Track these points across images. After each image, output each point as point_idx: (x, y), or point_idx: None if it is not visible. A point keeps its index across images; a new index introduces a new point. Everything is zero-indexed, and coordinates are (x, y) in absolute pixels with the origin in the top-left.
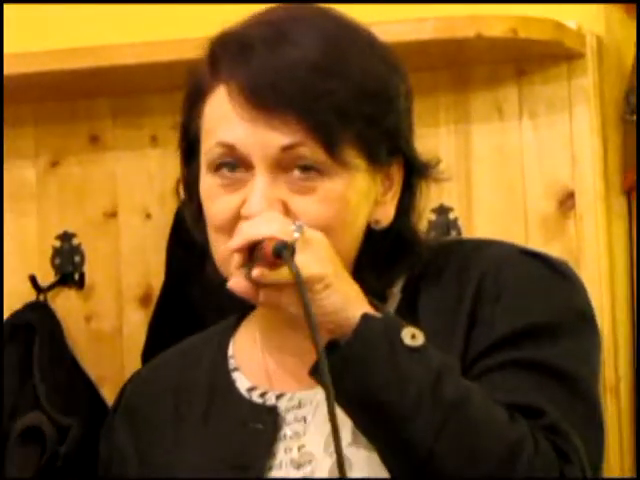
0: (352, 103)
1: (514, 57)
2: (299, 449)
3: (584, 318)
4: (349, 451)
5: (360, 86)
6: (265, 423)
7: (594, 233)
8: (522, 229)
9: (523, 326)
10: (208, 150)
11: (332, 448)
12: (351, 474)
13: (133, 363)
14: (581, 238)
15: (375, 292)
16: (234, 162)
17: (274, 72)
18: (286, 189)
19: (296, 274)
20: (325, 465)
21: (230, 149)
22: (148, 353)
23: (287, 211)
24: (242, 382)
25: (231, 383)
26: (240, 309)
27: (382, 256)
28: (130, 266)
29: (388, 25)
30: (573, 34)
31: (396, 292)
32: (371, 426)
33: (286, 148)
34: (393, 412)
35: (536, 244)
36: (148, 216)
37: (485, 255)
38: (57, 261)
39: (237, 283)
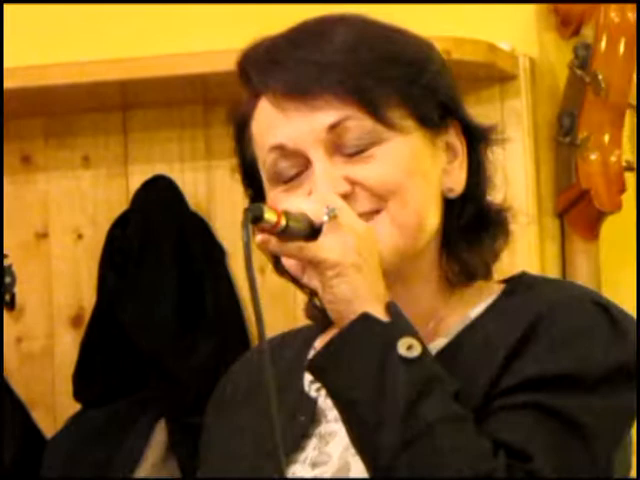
0: (384, 67)
1: None
2: (321, 448)
3: (625, 377)
4: (349, 453)
5: (389, 52)
6: (306, 417)
7: (527, 255)
8: None
9: (557, 373)
10: (263, 163)
11: (351, 451)
12: (349, 476)
13: (64, 385)
14: (513, 261)
15: (468, 264)
16: (290, 164)
17: (301, 62)
18: (346, 165)
19: (244, 244)
20: (332, 468)
21: (282, 150)
22: (79, 374)
23: (353, 184)
24: (308, 375)
25: (301, 375)
26: (167, 331)
27: (466, 225)
28: (61, 287)
29: None
30: (506, 56)
31: (472, 316)
32: (345, 423)
33: (333, 127)
34: (365, 416)
35: None
36: (80, 237)
37: (553, 296)
38: None
39: (285, 261)
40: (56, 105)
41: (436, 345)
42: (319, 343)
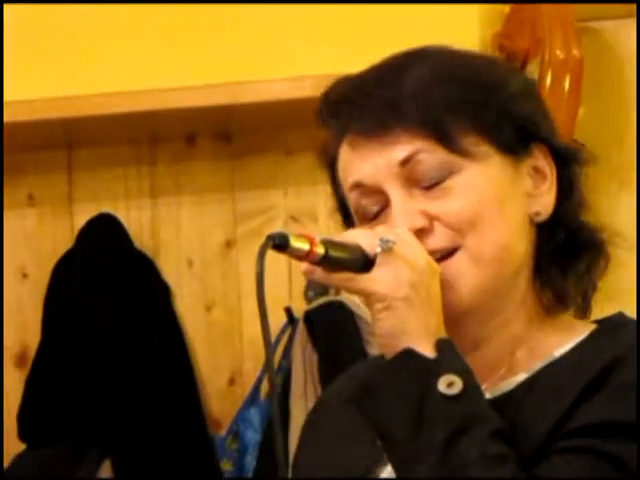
0: (455, 94)
1: None
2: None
3: None
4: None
5: (461, 79)
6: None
7: None
8: None
9: (622, 421)
10: (350, 203)
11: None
12: None
13: (9, 424)
14: None
15: (561, 289)
16: (371, 201)
17: (375, 102)
18: (423, 199)
19: (257, 273)
20: None
21: (360, 188)
22: (24, 414)
23: (430, 220)
24: None
25: None
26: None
27: (557, 249)
28: (6, 325)
29: (266, 84)
30: None
31: (556, 355)
32: (388, 456)
33: (405, 162)
34: (401, 451)
35: None
36: (25, 275)
37: (630, 341)
38: None
39: None
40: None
41: (515, 380)
42: None
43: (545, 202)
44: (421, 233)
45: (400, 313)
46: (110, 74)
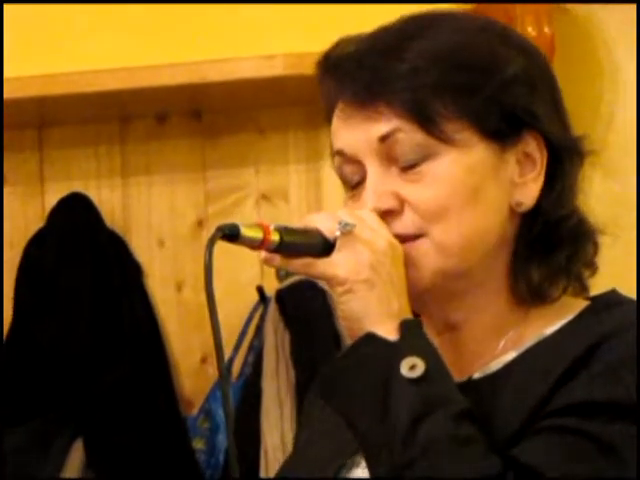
0: (447, 76)
1: None
2: None
3: None
4: (365, 472)
5: (455, 59)
6: None
7: None
8: None
9: (602, 400)
10: (335, 167)
11: None
12: None
13: None
14: None
15: (535, 283)
16: (352, 170)
17: (368, 72)
18: (398, 180)
19: (206, 263)
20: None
21: (342, 156)
22: None
23: (401, 203)
24: None
25: None
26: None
27: (535, 241)
28: None
29: (237, 62)
30: None
31: (547, 332)
32: (358, 444)
33: (384, 138)
34: (367, 438)
35: None
36: None
37: (616, 320)
38: None
39: None
40: None
41: (505, 359)
42: None
43: (529, 192)
44: (390, 215)
45: (361, 296)
46: (80, 53)
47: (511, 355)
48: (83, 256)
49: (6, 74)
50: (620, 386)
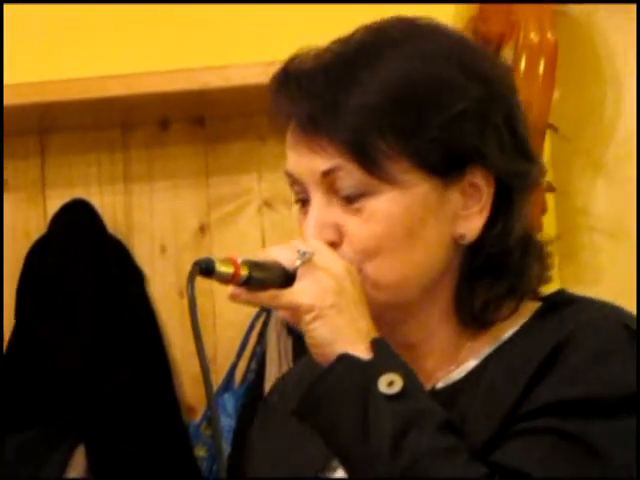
0: (388, 115)
1: None
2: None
3: None
4: None
5: (402, 96)
6: None
7: None
8: None
9: (574, 398)
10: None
11: None
12: None
13: None
14: None
15: (476, 314)
16: (302, 192)
17: (319, 99)
18: (340, 211)
19: (189, 298)
20: None
21: (291, 178)
22: None
23: (340, 235)
24: None
25: None
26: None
27: (478, 273)
28: None
29: (239, 68)
30: None
31: (505, 337)
32: (340, 462)
33: (326, 173)
34: (351, 457)
35: None
36: None
37: (579, 318)
38: None
39: (278, 311)
40: None
41: (466, 367)
42: None
43: (472, 225)
44: (330, 246)
45: (330, 321)
46: (83, 60)
47: (471, 363)
48: (85, 263)
49: (7, 80)
50: (590, 383)
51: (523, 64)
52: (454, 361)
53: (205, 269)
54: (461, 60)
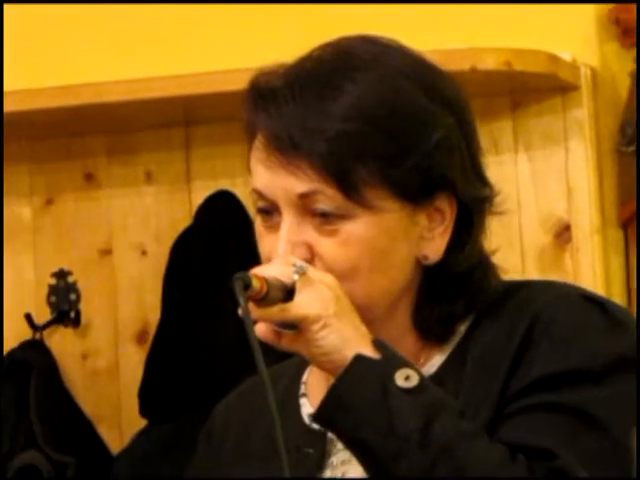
0: (368, 144)
1: (509, 90)
2: (342, 475)
3: (628, 365)
4: None
5: (381, 124)
6: (315, 448)
7: (590, 266)
8: (519, 262)
9: (563, 370)
10: (252, 196)
11: None
12: None
13: (130, 401)
14: (577, 271)
15: (435, 329)
16: (268, 207)
17: (294, 118)
18: (312, 231)
19: (244, 311)
20: None
21: (260, 195)
22: (145, 390)
23: (312, 254)
24: (306, 408)
25: (297, 408)
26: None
27: (439, 293)
28: (126, 303)
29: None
30: (567, 66)
31: (462, 330)
32: (364, 464)
33: (304, 195)
34: (380, 452)
35: (532, 276)
36: (144, 253)
37: (543, 297)
38: (53, 299)
39: (258, 329)
40: (118, 122)
41: (433, 364)
42: (307, 374)
43: (435, 247)
44: None
45: (336, 328)
46: (228, 50)
47: (438, 358)
48: (231, 253)
49: (153, 73)
50: (576, 355)
51: None
52: (425, 358)
53: (244, 284)
54: (428, 83)
